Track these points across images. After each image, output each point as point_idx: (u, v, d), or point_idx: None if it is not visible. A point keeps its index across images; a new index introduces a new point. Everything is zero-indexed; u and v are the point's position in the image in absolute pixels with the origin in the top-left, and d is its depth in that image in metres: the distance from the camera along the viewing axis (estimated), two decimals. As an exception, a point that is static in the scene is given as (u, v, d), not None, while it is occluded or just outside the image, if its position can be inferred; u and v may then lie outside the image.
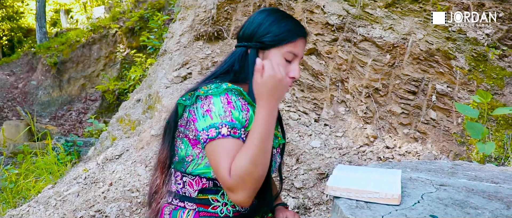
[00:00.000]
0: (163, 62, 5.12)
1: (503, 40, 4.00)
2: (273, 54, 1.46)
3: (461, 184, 1.57)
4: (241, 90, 1.43)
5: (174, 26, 5.30)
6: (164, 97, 4.48)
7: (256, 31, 1.47)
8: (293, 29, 1.48)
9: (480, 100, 2.29)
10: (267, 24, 1.47)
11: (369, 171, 1.52)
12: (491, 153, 2.36)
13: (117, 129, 4.85)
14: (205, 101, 1.39)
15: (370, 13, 4.32)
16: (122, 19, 13.12)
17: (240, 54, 1.50)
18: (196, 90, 1.43)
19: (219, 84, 1.42)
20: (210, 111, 1.36)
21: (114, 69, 12.71)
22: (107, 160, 4.09)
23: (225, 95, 1.38)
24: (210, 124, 1.34)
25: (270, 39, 1.45)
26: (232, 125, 1.34)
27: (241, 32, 1.54)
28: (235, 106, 1.38)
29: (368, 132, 4.02)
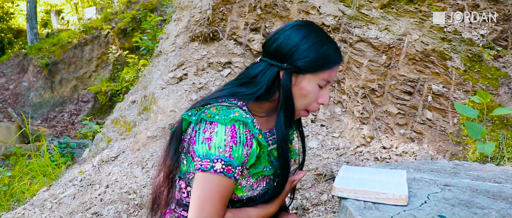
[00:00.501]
0: (159, 63, 5.10)
1: (498, 40, 4.04)
2: (308, 80, 1.37)
3: (464, 184, 1.57)
4: (250, 121, 1.33)
5: (169, 27, 5.29)
6: (160, 98, 4.46)
7: (293, 53, 1.35)
8: (332, 56, 1.38)
9: (479, 101, 2.30)
10: (306, 47, 1.35)
11: (374, 171, 1.52)
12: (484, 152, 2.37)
13: (112, 131, 4.82)
14: (209, 127, 1.30)
15: (366, 14, 4.33)
16: (114, 20, 13.05)
17: (271, 77, 1.38)
18: (203, 111, 1.34)
19: (228, 108, 1.32)
20: (211, 140, 1.28)
21: (107, 70, 12.64)
22: (103, 161, 4.06)
23: (231, 126, 1.29)
24: (207, 154, 1.28)
25: (307, 65, 1.35)
26: (228, 162, 1.27)
27: (273, 46, 1.39)
28: (238, 142, 1.29)
29: (364, 133, 4.03)
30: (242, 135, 1.30)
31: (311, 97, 1.39)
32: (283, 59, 1.36)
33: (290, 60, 1.35)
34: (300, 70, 1.35)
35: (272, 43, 1.39)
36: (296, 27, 1.38)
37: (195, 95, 4.49)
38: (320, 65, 1.35)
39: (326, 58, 1.36)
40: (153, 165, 3.77)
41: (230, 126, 1.28)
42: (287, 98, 1.37)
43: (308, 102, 1.41)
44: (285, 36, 1.37)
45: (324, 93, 1.41)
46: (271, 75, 1.37)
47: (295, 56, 1.34)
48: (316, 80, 1.37)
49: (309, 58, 1.34)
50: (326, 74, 1.37)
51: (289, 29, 1.38)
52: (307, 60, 1.34)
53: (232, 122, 1.29)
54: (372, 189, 1.31)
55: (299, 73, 1.36)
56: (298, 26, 1.38)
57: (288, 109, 1.39)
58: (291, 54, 1.35)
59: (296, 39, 1.35)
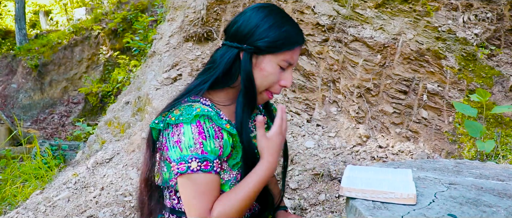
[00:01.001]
0: (152, 63, 5.07)
1: (491, 40, 4.07)
2: (268, 61, 1.34)
3: (469, 182, 1.58)
4: (214, 114, 1.30)
5: (163, 27, 5.25)
6: (154, 99, 4.43)
7: (252, 33, 1.33)
8: (292, 36, 1.35)
9: (478, 99, 2.31)
10: (266, 27, 1.33)
11: (379, 171, 1.52)
12: (484, 150, 2.38)
13: (106, 132, 4.78)
14: (176, 130, 1.28)
15: (361, 13, 4.34)
16: (105, 20, 12.96)
17: (230, 58, 1.35)
18: (167, 116, 1.32)
19: (190, 107, 1.29)
20: (180, 141, 1.26)
21: (97, 71, 12.54)
22: (98, 163, 4.02)
23: (196, 123, 1.26)
24: (180, 156, 1.26)
25: (267, 45, 1.32)
26: (203, 158, 1.25)
27: (233, 28, 1.37)
28: (207, 136, 1.27)
29: (360, 132, 4.04)
30: (210, 128, 1.28)
31: (272, 79, 1.36)
32: (243, 40, 1.34)
33: (249, 40, 1.33)
34: (260, 51, 1.33)
35: (232, 25, 1.38)
36: (256, 8, 1.37)
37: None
38: (280, 46, 1.33)
39: (287, 38, 1.33)
40: (148, 167, 3.75)
41: (195, 123, 1.27)
42: (247, 79, 1.34)
43: (269, 84, 1.37)
44: (245, 17, 1.36)
45: (287, 75, 1.38)
46: (230, 57, 1.35)
47: (255, 36, 1.32)
48: (276, 61, 1.34)
49: (269, 38, 1.32)
50: (287, 56, 1.35)
51: (249, 11, 1.37)
52: (267, 40, 1.32)
53: (196, 118, 1.27)
54: (380, 188, 1.30)
55: (260, 54, 1.34)
56: (259, 8, 1.37)
57: (247, 91, 1.36)
58: (251, 35, 1.33)
59: (256, 20, 1.33)
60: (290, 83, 1.40)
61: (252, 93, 1.38)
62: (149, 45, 8.06)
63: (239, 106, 1.37)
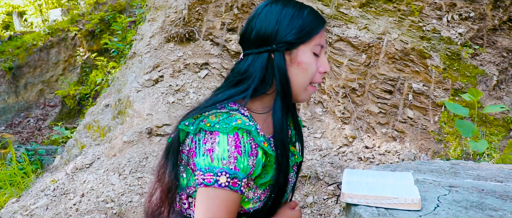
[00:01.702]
0: (133, 65, 4.94)
1: (474, 39, 4.09)
2: (302, 52, 1.25)
3: (468, 184, 1.53)
4: (254, 129, 1.20)
5: (144, 28, 5.13)
6: (136, 102, 4.31)
7: (277, 31, 1.24)
8: (316, 18, 1.27)
9: (470, 99, 2.29)
10: (288, 19, 1.25)
11: (379, 175, 1.46)
12: (477, 150, 2.36)
13: (85, 136, 4.63)
14: (210, 138, 1.17)
15: (345, 13, 4.31)
16: (81, 21, 12.70)
17: (263, 63, 1.25)
18: (202, 120, 1.21)
19: (229, 116, 1.19)
20: (213, 151, 1.16)
21: (74, 73, 12.28)
22: (77, 169, 3.88)
23: (234, 135, 1.16)
24: (209, 167, 1.15)
25: (297, 36, 1.24)
26: (233, 175, 1.15)
27: (253, 35, 1.27)
28: (243, 152, 1.17)
29: (346, 132, 4.00)
30: (247, 144, 1.18)
31: (312, 69, 1.28)
32: (269, 42, 1.25)
33: (277, 39, 1.24)
34: (292, 45, 1.24)
35: (250, 32, 1.28)
36: (268, 7, 1.28)
37: (172, 98, 4.36)
38: (309, 32, 1.25)
39: (312, 22, 1.26)
40: (130, 171, 3.62)
41: (233, 135, 1.16)
42: (284, 80, 1.25)
43: (311, 75, 1.29)
44: (261, 19, 1.27)
45: (323, 60, 1.31)
46: (262, 62, 1.25)
47: (281, 33, 1.24)
48: (310, 48, 1.26)
49: (296, 28, 1.24)
50: (317, 39, 1.27)
51: (262, 12, 1.28)
52: (295, 32, 1.23)
53: (235, 130, 1.16)
54: (383, 194, 1.24)
55: (292, 49, 1.25)
56: (269, 5, 1.28)
57: (285, 92, 1.27)
58: (276, 33, 1.24)
59: (275, 16, 1.25)
60: (328, 67, 1.32)
61: (289, 95, 1.28)
62: (128, 46, 7.90)
63: (278, 110, 1.27)
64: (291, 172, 1.41)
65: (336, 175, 3.35)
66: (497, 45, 4.13)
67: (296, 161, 1.43)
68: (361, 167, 3.45)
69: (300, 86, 1.29)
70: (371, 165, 3.47)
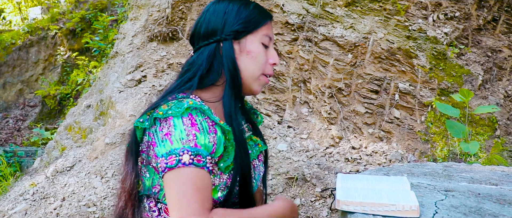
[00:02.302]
0: (115, 65, 4.82)
1: (460, 39, 4.09)
2: (251, 42, 1.28)
3: (464, 188, 1.50)
4: (207, 108, 1.20)
5: (126, 27, 5.01)
6: (118, 102, 4.21)
7: (224, 21, 1.27)
8: (262, 11, 1.33)
9: (461, 99, 2.26)
10: (235, 11, 1.29)
11: (374, 180, 1.41)
12: (469, 152, 2.34)
13: (66, 138, 4.50)
14: (165, 124, 1.16)
15: (330, 12, 4.27)
16: (62, 20, 12.47)
17: (210, 52, 1.27)
18: (155, 111, 1.20)
19: (180, 102, 1.19)
20: (170, 134, 1.14)
21: (55, 73, 12.05)
22: (58, 172, 3.76)
23: (188, 115, 1.16)
24: (170, 149, 1.12)
25: (244, 25, 1.27)
26: (195, 151, 1.12)
27: (202, 29, 1.30)
28: (201, 129, 1.15)
29: (333, 133, 3.96)
30: (203, 121, 1.17)
31: (262, 58, 1.31)
32: (217, 32, 1.28)
33: (225, 29, 1.28)
34: (239, 33, 1.28)
35: (199, 27, 1.32)
36: (215, 4, 1.32)
37: (155, 98, 4.26)
38: (256, 22, 1.29)
39: (259, 14, 1.31)
40: (113, 174, 3.53)
41: (187, 115, 1.16)
42: (232, 67, 1.27)
43: (262, 65, 1.31)
44: (209, 14, 1.31)
45: (272, 52, 1.33)
46: (210, 51, 1.28)
47: (229, 23, 1.28)
48: (258, 38, 1.30)
49: (243, 18, 1.28)
50: (264, 30, 1.31)
51: (209, 9, 1.32)
52: (242, 21, 1.28)
53: (188, 111, 1.16)
54: (379, 201, 1.19)
55: (240, 38, 1.28)
56: (217, 2, 1.32)
57: (233, 79, 1.28)
58: (223, 24, 1.28)
59: (222, 9, 1.30)
60: (278, 60, 1.35)
61: (239, 84, 1.29)
62: (110, 45, 7.77)
63: (226, 97, 1.27)
64: (255, 159, 1.39)
65: (324, 177, 3.30)
66: (482, 45, 4.15)
67: (260, 150, 1.42)
68: (349, 168, 3.42)
69: (252, 76, 1.30)
70: (358, 166, 3.44)
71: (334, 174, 3.32)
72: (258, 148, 1.41)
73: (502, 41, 4.13)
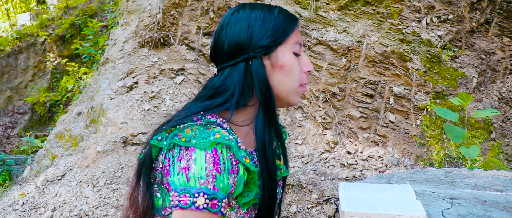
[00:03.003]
0: (106, 71, 4.75)
1: (453, 41, 4.08)
2: (282, 54, 1.14)
3: (468, 195, 1.46)
4: (234, 143, 1.09)
5: (117, 33, 4.94)
6: (109, 109, 4.13)
7: (250, 36, 1.13)
8: (287, 17, 1.18)
9: (459, 103, 2.23)
10: (260, 23, 1.14)
11: (378, 189, 1.36)
12: (469, 157, 2.30)
13: (57, 146, 4.41)
14: (185, 154, 1.05)
15: (323, 16, 4.24)
16: (51, 26, 12.34)
17: (240, 72, 1.14)
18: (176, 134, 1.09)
19: (206, 129, 1.07)
20: (189, 169, 1.03)
21: (44, 79, 11.92)
22: (48, 181, 3.67)
23: (212, 151, 1.05)
24: (185, 187, 1.03)
25: (273, 38, 1.13)
26: (212, 195, 1.03)
27: (225, 47, 1.16)
28: (222, 169, 1.05)
29: (328, 138, 3.92)
30: (226, 160, 1.06)
31: (296, 69, 1.17)
32: (243, 50, 1.14)
33: (252, 45, 1.13)
34: (269, 48, 1.13)
35: (222, 44, 1.17)
36: (235, 14, 1.17)
37: (147, 105, 4.20)
38: (284, 31, 1.15)
39: (285, 20, 1.16)
40: (105, 183, 3.45)
41: (211, 151, 1.04)
42: (265, 88, 1.14)
43: (298, 76, 1.18)
44: (231, 28, 1.16)
45: (305, 59, 1.20)
46: (239, 72, 1.14)
47: (255, 37, 1.13)
48: (289, 48, 1.15)
49: (271, 30, 1.13)
50: (294, 38, 1.16)
51: (230, 21, 1.17)
52: (270, 34, 1.13)
53: (213, 146, 1.05)
54: (386, 211, 1.14)
55: (270, 53, 1.14)
56: (237, 12, 1.18)
57: (266, 101, 1.15)
58: (250, 39, 1.13)
59: (245, 23, 1.15)
60: (311, 66, 1.21)
61: (272, 104, 1.17)
62: (100, 51, 7.68)
63: (260, 123, 1.15)
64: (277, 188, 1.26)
65: (320, 183, 3.26)
66: (475, 47, 4.14)
67: (281, 176, 1.31)
68: (345, 173, 3.38)
69: (290, 90, 1.18)
70: (354, 171, 3.40)
71: (331, 180, 3.28)
72: (280, 173, 1.29)
73: (495, 44, 4.13)
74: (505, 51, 4.14)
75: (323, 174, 3.37)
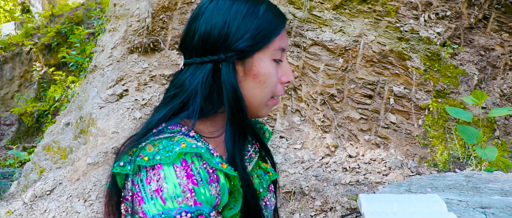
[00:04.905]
0: (94, 79, 4.58)
1: (452, 38, 3.98)
2: (259, 61, 0.97)
3: (499, 202, 1.33)
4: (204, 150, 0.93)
5: (104, 39, 4.78)
6: (99, 119, 3.97)
7: (225, 35, 0.96)
8: (275, 17, 1.00)
9: (473, 102, 2.11)
10: (239, 20, 0.96)
11: (403, 200, 1.23)
12: (488, 159, 2.19)
13: (45, 159, 4.22)
14: (153, 174, 0.90)
15: (318, 16, 4.12)
16: (37, 35, 12.14)
17: (206, 75, 0.97)
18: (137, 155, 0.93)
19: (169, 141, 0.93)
20: (161, 190, 0.88)
21: (31, 89, 11.70)
22: (37, 197, 3.49)
23: (181, 163, 0.89)
24: (163, 210, 0.88)
25: (251, 42, 0.96)
26: (196, 212, 0.88)
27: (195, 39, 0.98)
28: (199, 181, 0.90)
29: (328, 142, 3.79)
30: (201, 169, 0.90)
31: (272, 80, 1.00)
32: (214, 49, 0.97)
33: (225, 45, 0.96)
34: (245, 53, 0.96)
35: (192, 36, 0.99)
36: (213, 3, 0.99)
37: (139, 113, 4.04)
38: (266, 35, 0.97)
39: (271, 22, 0.98)
40: (97, 197, 3.28)
41: (180, 163, 0.89)
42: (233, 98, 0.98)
43: (272, 88, 1.01)
44: (206, 19, 0.97)
45: (285, 68, 1.02)
46: (205, 74, 0.97)
47: (231, 37, 0.96)
48: (269, 55, 0.98)
49: (250, 32, 0.96)
50: (277, 42, 0.99)
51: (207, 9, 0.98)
52: (249, 37, 0.96)
53: (181, 157, 0.89)
54: (419, 227, 1.01)
55: (245, 58, 0.97)
56: (215, 1, 0.99)
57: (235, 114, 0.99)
58: (224, 38, 0.96)
59: (222, 15, 0.97)
60: (292, 76, 1.03)
61: (242, 116, 1.00)
62: (88, 59, 7.51)
63: (228, 137, 0.99)
64: (266, 194, 1.14)
65: (323, 189, 3.12)
66: (474, 43, 4.04)
67: (271, 180, 1.16)
68: (348, 178, 3.25)
69: (259, 102, 1.02)
70: (358, 176, 3.27)
71: (334, 186, 3.15)
72: (268, 177, 1.15)
73: (494, 39, 4.04)
74: (504, 47, 4.05)
75: (325, 180, 3.24)
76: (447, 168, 3.34)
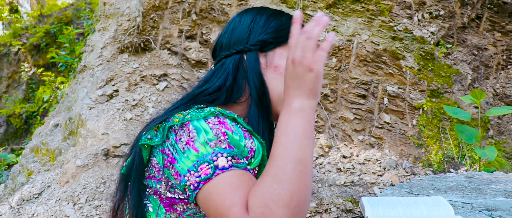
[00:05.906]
0: (84, 79, 4.49)
1: (446, 37, 3.96)
2: (279, 56, 1.05)
3: (505, 204, 1.29)
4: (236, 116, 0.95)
5: (94, 38, 4.69)
6: (89, 120, 3.88)
7: (251, 31, 1.07)
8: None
9: (472, 101, 2.08)
10: (264, 19, 1.08)
11: (407, 203, 1.18)
12: (488, 159, 2.16)
13: (33, 161, 4.13)
14: (183, 132, 0.89)
15: (311, 15, 4.08)
16: (25, 35, 11.99)
17: (234, 64, 1.05)
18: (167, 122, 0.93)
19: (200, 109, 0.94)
20: (193, 140, 0.86)
21: (20, 90, 11.56)
22: (24, 200, 3.41)
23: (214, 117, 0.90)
24: (198, 158, 0.84)
25: (272, 35, 1.05)
26: (231, 152, 0.85)
27: (225, 39, 1.10)
28: (233, 129, 0.89)
29: (321, 142, 3.75)
30: (234, 126, 0.91)
31: None
32: (241, 42, 1.08)
33: (251, 38, 1.07)
34: (267, 44, 1.06)
35: (222, 38, 1.12)
36: (243, 12, 1.14)
37: (129, 114, 3.96)
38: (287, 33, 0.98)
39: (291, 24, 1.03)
40: (87, 200, 3.21)
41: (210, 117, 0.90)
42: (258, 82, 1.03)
43: None
44: (234, 23, 1.11)
45: None
46: (233, 64, 1.06)
47: (255, 32, 1.07)
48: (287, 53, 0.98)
49: (272, 27, 1.07)
50: None
51: (236, 17, 1.13)
52: (271, 31, 1.07)
53: (212, 115, 0.91)
54: (427, 232, 0.96)
55: (267, 50, 1.07)
56: (245, 10, 1.14)
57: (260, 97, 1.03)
58: (249, 32, 1.08)
59: (249, 18, 1.10)
60: None
61: (266, 100, 1.04)
62: (77, 59, 7.41)
63: (252, 116, 1.02)
64: None
65: (317, 190, 3.08)
66: (467, 43, 4.03)
67: None
68: (342, 179, 3.20)
69: (279, 94, 1.04)
70: (352, 176, 3.23)
71: (328, 187, 3.10)
72: None
73: (487, 39, 4.03)
74: (497, 46, 4.04)
75: (320, 181, 3.19)
76: (442, 168, 3.32)
